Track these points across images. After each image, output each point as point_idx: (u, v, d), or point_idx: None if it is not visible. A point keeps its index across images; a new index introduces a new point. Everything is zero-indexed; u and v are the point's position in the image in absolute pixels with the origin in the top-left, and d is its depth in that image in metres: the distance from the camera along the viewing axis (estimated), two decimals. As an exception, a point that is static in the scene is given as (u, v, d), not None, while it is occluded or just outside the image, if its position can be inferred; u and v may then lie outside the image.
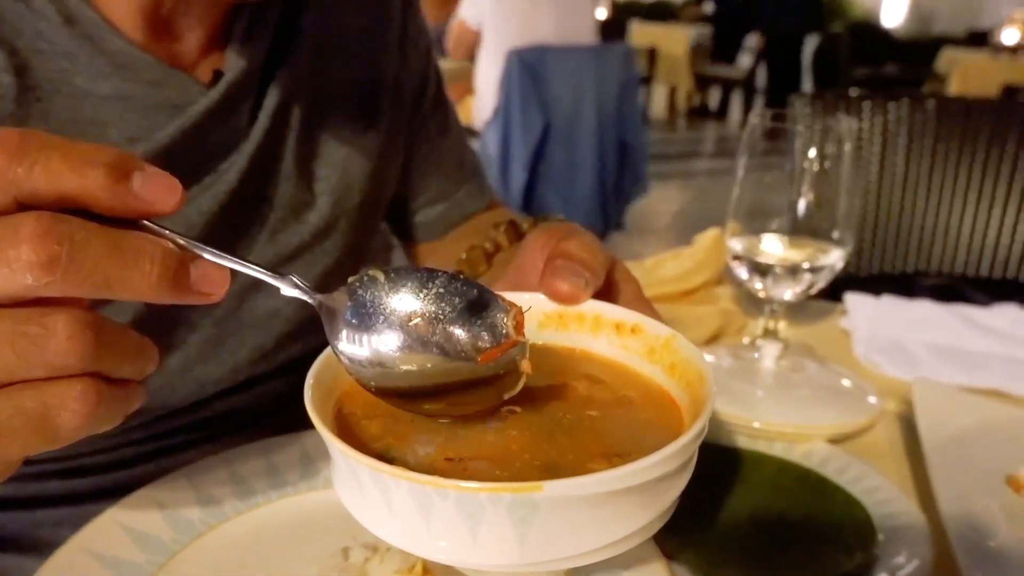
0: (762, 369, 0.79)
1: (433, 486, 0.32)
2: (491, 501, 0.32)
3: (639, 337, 0.46)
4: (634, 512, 0.35)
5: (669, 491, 0.37)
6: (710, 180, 5.93)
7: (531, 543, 0.33)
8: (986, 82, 4.99)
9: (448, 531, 0.34)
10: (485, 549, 0.34)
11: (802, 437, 0.67)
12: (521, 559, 0.34)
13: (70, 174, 0.31)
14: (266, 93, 0.66)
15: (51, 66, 0.55)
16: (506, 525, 0.33)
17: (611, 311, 0.47)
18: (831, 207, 0.75)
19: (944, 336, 0.91)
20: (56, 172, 0.31)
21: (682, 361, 0.43)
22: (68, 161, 0.31)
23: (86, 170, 0.31)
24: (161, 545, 0.50)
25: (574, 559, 0.35)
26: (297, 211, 0.70)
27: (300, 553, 0.50)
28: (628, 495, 0.34)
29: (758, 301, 0.81)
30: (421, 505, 0.33)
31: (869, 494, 0.59)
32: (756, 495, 0.60)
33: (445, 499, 0.33)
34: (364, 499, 0.36)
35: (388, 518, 0.35)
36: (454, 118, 0.91)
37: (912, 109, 1.54)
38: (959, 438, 0.64)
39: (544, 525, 0.33)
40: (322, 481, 0.56)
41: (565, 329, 0.48)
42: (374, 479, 0.34)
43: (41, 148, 0.31)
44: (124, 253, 0.32)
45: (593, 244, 0.48)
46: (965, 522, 0.54)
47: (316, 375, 0.40)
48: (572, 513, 0.33)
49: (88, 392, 0.33)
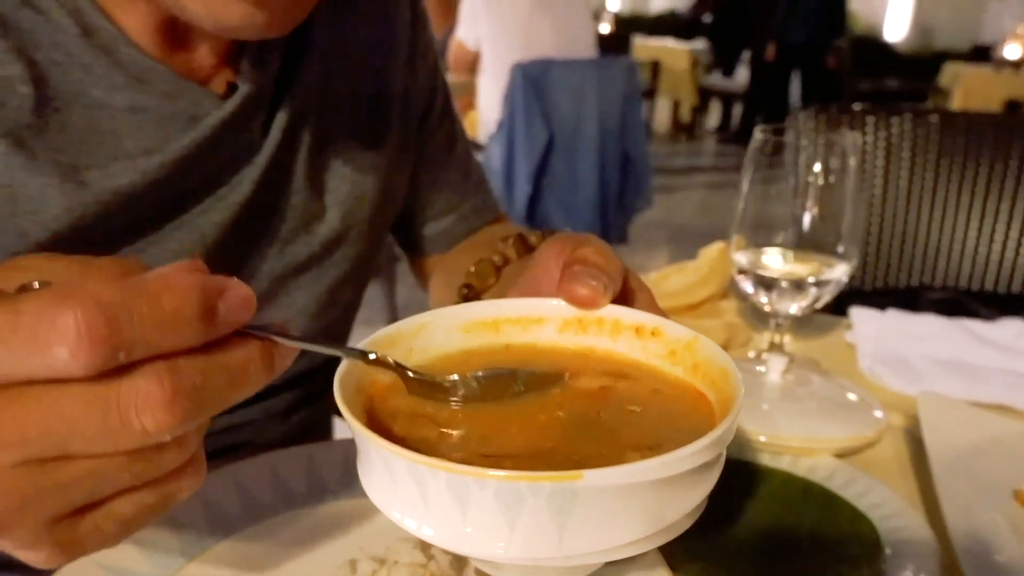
0: (767, 383, 0.79)
1: (473, 476, 0.32)
2: (531, 491, 0.32)
3: (660, 339, 0.46)
4: (668, 506, 0.36)
5: (700, 487, 0.37)
6: (713, 193, 5.94)
7: (569, 535, 0.33)
8: (989, 97, 5.01)
9: (485, 523, 0.33)
10: (522, 541, 0.33)
11: (808, 451, 0.67)
12: (559, 551, 0.34)
13: (166, 339, 0.31)
14: (279, 106, 0.67)
15: (68, 77, 0.56)
16: (545, 516, 0.33)
17: (630, 315, 0.47)
18: (836, 221, 0.76)
19: (949, 350, 0.91)
20: (152, 343, 0.31)
21: (705, 361, 0.43)
22: (160, 328, 0.31)
23: (181, 331, 0.31)
24: (169, 558, 0.50)
25: (610, 552, 0.35)
26: (308, 223, 0.71)
27: (307, 566, 0.50)
28: (664, 487, 0.34)
29: (763, 315, 0.82)
30: (458, 497, 0.33)
31: (875, 508, 0.59)
32: (761, 508, 0.60)
33: (484, 489, 0.32)
34: (398, 495, 0.36)
35: (423, 513, 0.35)
36: (461, 131, 0.92)
37: (915, 123, 1.54)
38: (965, 452, 0.64)
39: (583, 516, 0.33)
40: (329, 494, 0.56)
41: (584, 333, 0.48)
42: (411, 472, 0.34)
43: (130, 324, 0.30)
44: (237, 374, 0.34)
45: (608, 250, 0.49)
46: (972, 536, 0.54)
47: (342, 377, 0.40)
48: (610, 504, 0.33)
49: (199, 468, 0.36)
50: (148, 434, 0.31)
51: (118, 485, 0.33)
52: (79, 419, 0.30)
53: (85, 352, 0.29)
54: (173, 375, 0.31)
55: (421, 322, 0.46)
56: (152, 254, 0.61)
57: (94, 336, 0.29)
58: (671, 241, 4.70)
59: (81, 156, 0.56)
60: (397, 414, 0.41)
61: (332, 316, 0.76)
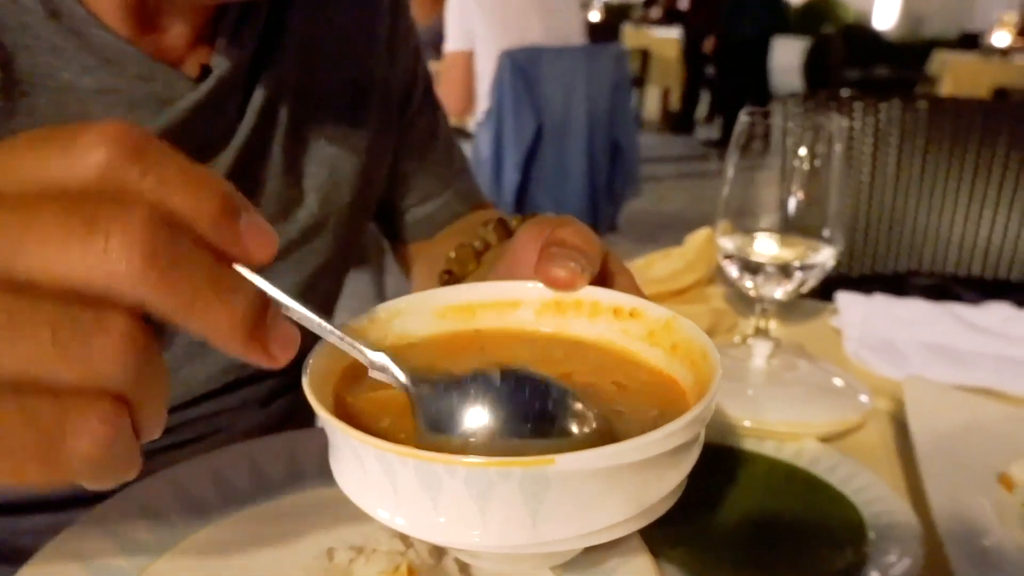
0: (753, 368, 0.79)
1: (442, 463, 0.31)
2: (501, 476, 0.31)
3: (638, 320, 0.45)
4: (643, 490, 0.35)
5: (676, 469, 0.37)
6: (703, 181, 5.94)
7: (543, 521, 0.33)
8: (977, 84, 5.02)
9: (457, 512, 0.33)
10: (496, 529, 0.33)
11: (793, 436, 0.67)
12: (534, 538, 0.33)
13: (183, 191, 0.29)
14: (254, 89, 0.65)
15: (37, 60, 0.54)
16: (517, 502, 0.32)
17: (608, 296, 0.47)
18: (821, 206, 0.75)
19: (935, 334, 0.91)
20: (170, 185, 0.29)
21: (683, 341, 0.43)
22: (183, 176, 0.29)
23: (201, 192, 0.29)
24: (144, 548, 0.49)
25: (587, 537, 0.35)
26: (286, 209, 0.70)
27: (284, 554, 0.49)
28: (640, 470, 0.34)
29: (749, 300, 0.81)
30: (428, 485, 0.32)
31: (859, 492, 0.58)
32: (746, 494, 0.59)
33: (454, 476, 0.32)
34: (368, 485, 0.35)
35: (394, 503, 0.34)
36: (443, 118, 0.91)
37: (903, 110, 1.54)
38: (950, 436, 0.64)
39: (556, 501, 0.32)
40: (307, 482, 0.55)
41: (563, 316, 0.48)
42: (380, 460, 0.33)
43: (160, 156, 0.29)
44: (220, 282, 0.30)
45: (587, 232, 0.48)
46: (956, 520, 0.53)
47: (313, 362, 0.39)
48: (584, 489, 0.33)
49: (112, 418, 0.28)
50: (108, 259, 0.26)
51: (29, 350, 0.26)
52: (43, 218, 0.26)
53: (109, 145, 0.28)
54: (165, 223, 0.28)
55: (396, 307, 0.46)
56: None
57: (126, 138, 0.28)
58: (661, 229, 4.70)
59: None
60: (369, 400, 0.40)
61: (313, 305, 0.75)
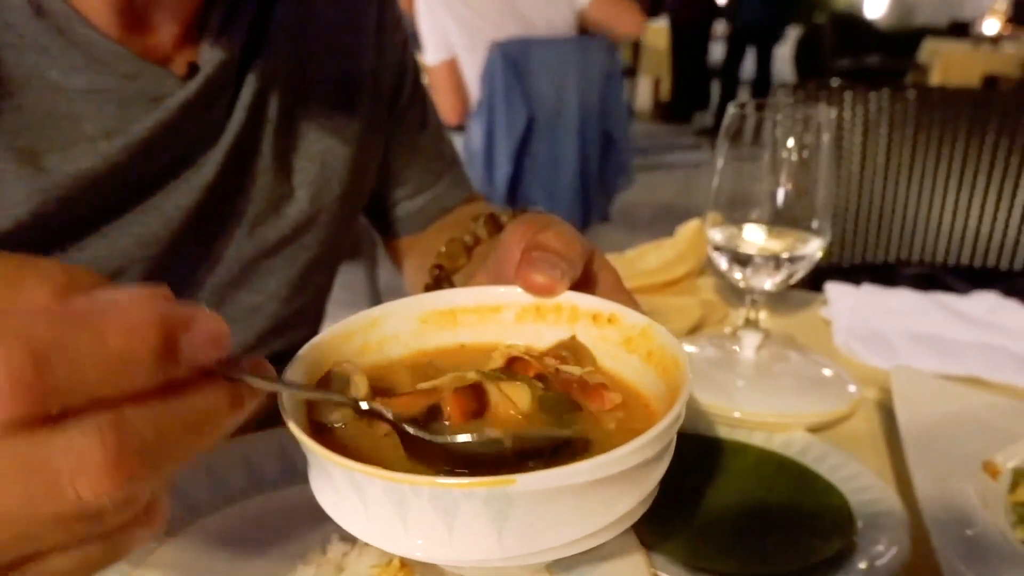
0: (742, 359, 0.79)
1: (408, 484, 0.32)
2: (465, 496, 0.32)
3: (615, 327, 0.46)
4: (613, 502, 0.35)
5: (647, 479, 0.37)
6: (696, 171, 5.94)
7: (509, 537, 0.33)
8: (968, 72, 5.03)
9: (425, 529, 0.33)
10: (463, 545, 0.33)
11: (782, 426, 0.67)
12: (500, 553, 0.34)
13: (111, 383, 0.26)
14: (242, 86, 0.65)
15: (23, 60, 0.54)
16: (482, 520, 0.33)
17: (587, 302, 0.47)
18: (810, 197, 0.76)
19: (923, 324, 0.92)
20: (94, 389, 0.26)
21: (658, 349, 0.43)
22: (104, 370, 0.26)
23: (131, 371, 0.26)
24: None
25: (553, 551, 0.35)
26: (276, 205, 0.70)
27: (277, 548, 0.49)
28: (605, 485, 0.34)
29: (740, 292, 0.82)
30: (396, 503, 0.33)
31: (848, 481, 0.59)
32: (736, 484, 0.60)
33: (419, 496, 0.32)
34: (340, 500, 0.36)
35: (365, 518, 0.35)
36: (432, 111, 0.91)
37: (893, 99, 1.54)
38: (937, 425, 0.65)
39: (521, 519, 0.33)
40: (299, 476, 0.55)
41: (543, 321, 0.48)
42: (348, 478, 0.34)
43: (65, 368, 0.25)
44: (196, 424, 0.29)
45: (570, 235, 0.48)
46: (942, 508, 0.54)
47: (293, 370, 0.40)
48: (549, 505, 0.33)
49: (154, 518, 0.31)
50: (84, 502, 0.26)
51: (53, 545, 0.28)
52: (3, 479, 0.25)
53: (5, 401, 0.24)
54: (118, 430, 0.26)
55: (376, 315, 0.46)
56: (116, 238, 0.60)
57: (17, 381, 0.24)
58: (653, 219, 4.70)
59: (39, 140, 0.55)
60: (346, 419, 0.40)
61: (304, 300, 0.75)
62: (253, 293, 0.70)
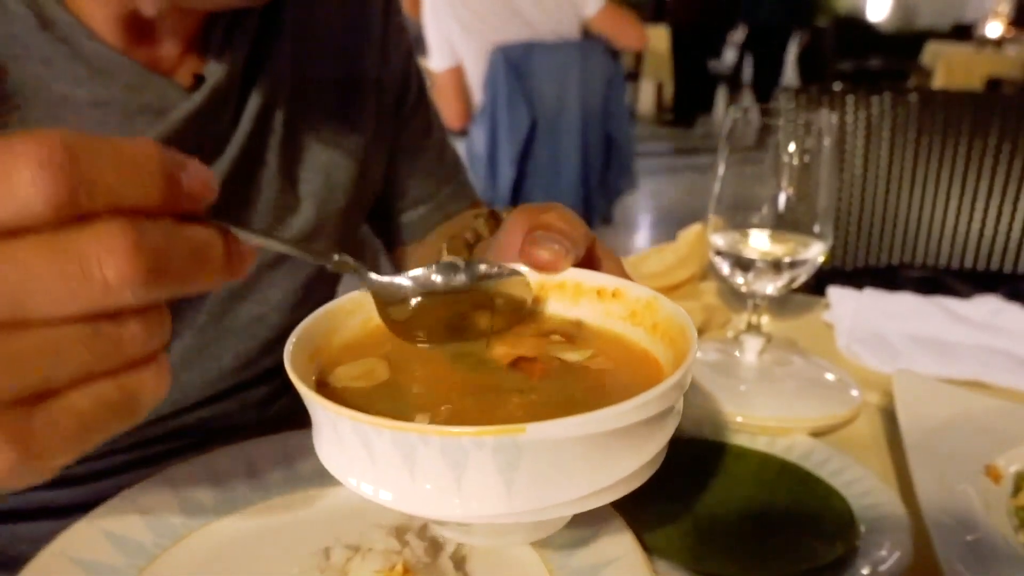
0: (745, 363, 0.79)
1: (417, 432, 0.32)
2: (475, 445, 0.32)
3: (620, 301, 0.46)
4: (620, 459, 0.35)
5: (653, 439, 0.37)
6: (699, 175, 5.94)
7: (518, 490, 0.33)
8: (970, 75, 5.02)
9: (434, 481, 0.33)
10: (472, 498, 0.33)
11: (784, 430, 0.68)
12: (509, 507, 0.34)
13: (127, 189, 0.29)
14: (248, 96, 0.65)
15: (27, 72, 0.54)
16: (491, 471, 0.33)
17: (591, 277, 0.47)
18: (812, 201, 0.76)
19: (925, 328, 0.92)
20: (113, 190, 0.29)
21: (664, 320, 0.43)
22: (121, 174, 0.29)
23: (142, 181, 0.29)
24: (142, 549, 0.49)
25: (562, 507, 0.35)
26: (281, 216, 0.69)
27: (281, 554, 0.50)
28: (613, 440, 0.34)
29: (742, 296, 0.82)
30: (405, 455, 0.33)
31: (850, 486, 0.59)
32: (738, 488, 0.60)
33: (428, 446, 0.32)
34: (346, 456, 0.36)
35: (372, 474, 0.35)
36: (436, 118, 0.91)
37: (895, 102, 1.54)
38: (939, 429, 0.65)
39: (530, 470, 0.33)
40: (303, 482, 0.56)
41: (546, 298, 0.48)
42: (356, 431, 0.34)
43: (90, 163, 0.28)
44: (198, 251, 0.32)
45: (573, 217, 0.48)
46: (944, 512, 0.54)
47: (298, 338, 0.40)
48: (558, 458, 0.33)
49: (163, 370, 0.33)
50: (110, 287, 0.28)
51: (76, 367, 0.30)
52: (35, 269, 0.28)
53: (46, 179, 0.27)
54: (135, 227, 0.29)
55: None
56: None
57: (55, 163, 0.27)
58: (655, 223, 4.70)
59: None
60: (352, 377, 0.41)
61: (308, 309, 0.75)
62: (256, 304, 0.70)
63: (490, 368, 0.42)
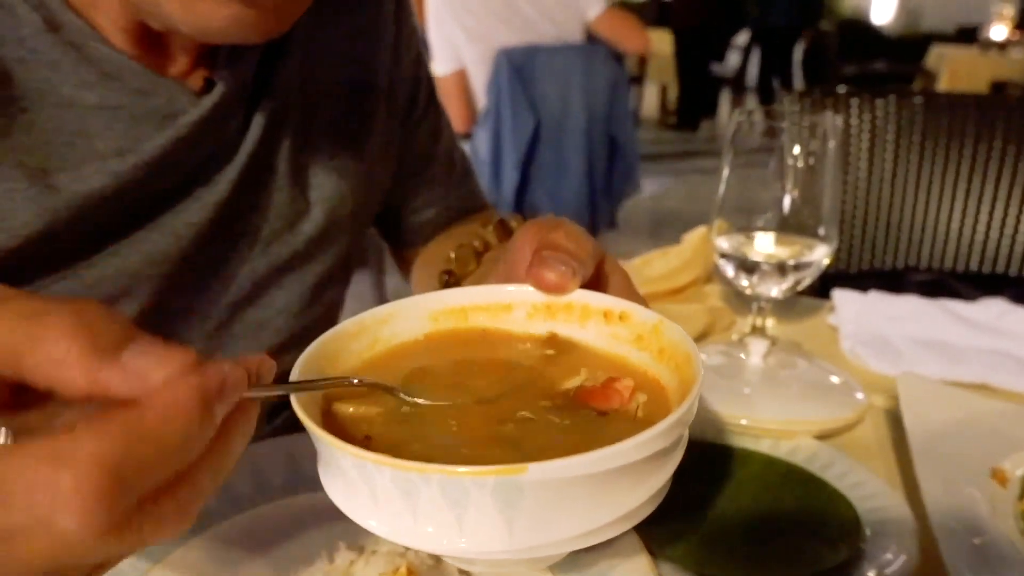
0: (750, 366, 0.79)
1: (417, 472, 0.32)
2: (476, 485, 0.32)
3: (627, 324, 0.46)
4: (623, 495, 0.35)
5: (658, 473, 0.37)
6: (703, 178, 5.94)
7: (519, 528, 0.33)
8: (975, 78, 5.01)
9: (435, 519, 0.33)
10: (473, 536, 0.33)
11: (789, 433, 0.67)
12: (510, 545, 0.33)
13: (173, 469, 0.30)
14: (259, 100, 0.65)
15: (35, 75, 0.53)
16: (492, 510, 0.32)
17: (598, 299, 0.47)
18: (816, 204, 0.76)
19: (929, 330, 0.91)
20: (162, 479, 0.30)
21: (670, 345, 0.43)
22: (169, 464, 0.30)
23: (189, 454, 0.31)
24: (148, 550, 0.49)
25: (564, 543, 0.35)
26: (291, 221, 0.69)
27: (285, 556, 0.50)
28: (616, 477, 0.34)
29: (747, 299, 0.82)
30: (405, 492, 0.33)
31: (855, 488, 0.59)
32: (743, 491, 0.60)
33: (429, 484, 0.32)
34: (349, 490, 0.36)
35: (374, 509, 0.35)
36: (446, 122, 0.91)
37: (899, 105, 1.54)
38: (944, 432, 0.64)
39: (531, 509, 0.33)
40: (306, 483, 0.56)
41: (553, 319, 0.48)
42: (357, 468, 0.34)
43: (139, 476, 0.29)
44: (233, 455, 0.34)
45: (581, 235, 0.48)
46: (950, 515, 0.54)
47: (303, 366, 0.40)
48: (559, 496, 0.33)
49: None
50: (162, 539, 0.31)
51: None
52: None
53: (96, 522, 0.27)
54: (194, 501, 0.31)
55: (388, 312, 0.46)
56: (125, 256, 0.59)
57: (104, 502, 0.27)
58: (660, 226, 4.70)
59: (50, 158, 0.54)
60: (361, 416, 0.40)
61: (315, 315, 0.75)
62: (263, 309, 0.70)
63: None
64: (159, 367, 0.30)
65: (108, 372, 0.30)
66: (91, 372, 0.30)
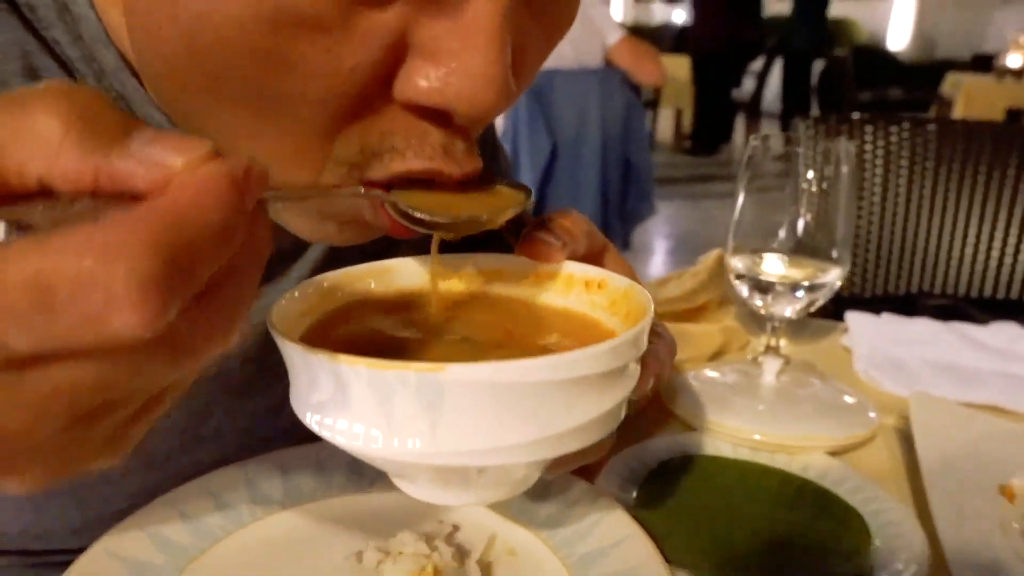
0: (764, 384, 0.81)
1: (347, 363, 0.33)
2: (399, 380, 0.33)
3: (604, 291, 0.48)
4: (555, 413, 0.35)
5: (583, 405, 0.36)
6: (717, 203, 5.95)
7: (442, 430, 0.34)
8: (990, 106, 5.01)
9: (367, 414, 0.34)
10: (399, 435, 0.34)
11: (803, 449, 0.69)
12: (434, 447, 0.34)
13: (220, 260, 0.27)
14: None
15: None
16: (416, 408, 0.33)
17: (582, 269, 0.49)
18: (830, 228, 0.78)
19: (942, 353, 0.93)
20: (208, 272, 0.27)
21: (636, 307, 0.44)
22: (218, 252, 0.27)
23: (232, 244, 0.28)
24: (181, 549, 0.51)
25: (489, 454, 0.35)
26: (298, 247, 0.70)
27: (314, 557, 0.52)
28: (546, 391, 0.34)
29: (761, 320, 0.83)
30: (340, 385, 0.34)
31: (867, 504, 0.60)
32: (756, 505, 0.61)
33: (359, 378, 0.33)
34: (295, 382, 0.38)
35: (317, 402, 0.36)
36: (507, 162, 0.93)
37: (914, 132, 1.56)
38: (954, 450, 0.66)
39: (453, 412, 0.33)
40: (336, 489, 0.58)
41: (539, 286, 0.50)
42: (303, 359, 0.35)
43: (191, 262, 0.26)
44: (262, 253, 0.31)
45: (579, 218, 0.50)
46: (959, 531, 0.55)
47: (285, 300, 0.43)
48: (482, 403, 0.33)
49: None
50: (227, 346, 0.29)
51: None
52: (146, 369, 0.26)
53: (153, 319, 0.24)
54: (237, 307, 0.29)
55: (389, 266, 0.50)
56: None
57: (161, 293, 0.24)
58: (674, 250, 4.72)
59: None
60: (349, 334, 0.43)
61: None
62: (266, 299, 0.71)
63: None
64: (176, 154, 0.27)
65: (120, 162, 0.26)
66: (95, 162, 0.26)
